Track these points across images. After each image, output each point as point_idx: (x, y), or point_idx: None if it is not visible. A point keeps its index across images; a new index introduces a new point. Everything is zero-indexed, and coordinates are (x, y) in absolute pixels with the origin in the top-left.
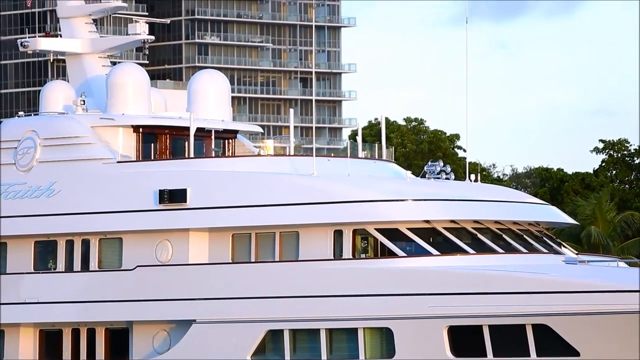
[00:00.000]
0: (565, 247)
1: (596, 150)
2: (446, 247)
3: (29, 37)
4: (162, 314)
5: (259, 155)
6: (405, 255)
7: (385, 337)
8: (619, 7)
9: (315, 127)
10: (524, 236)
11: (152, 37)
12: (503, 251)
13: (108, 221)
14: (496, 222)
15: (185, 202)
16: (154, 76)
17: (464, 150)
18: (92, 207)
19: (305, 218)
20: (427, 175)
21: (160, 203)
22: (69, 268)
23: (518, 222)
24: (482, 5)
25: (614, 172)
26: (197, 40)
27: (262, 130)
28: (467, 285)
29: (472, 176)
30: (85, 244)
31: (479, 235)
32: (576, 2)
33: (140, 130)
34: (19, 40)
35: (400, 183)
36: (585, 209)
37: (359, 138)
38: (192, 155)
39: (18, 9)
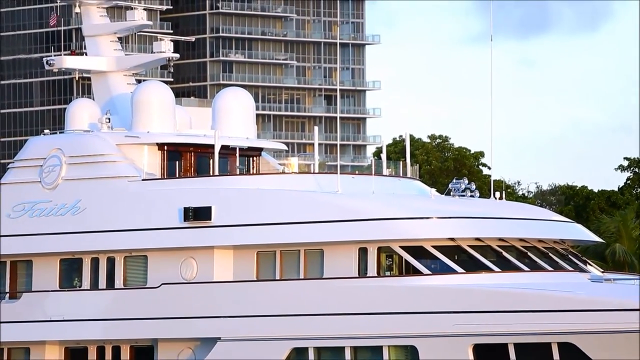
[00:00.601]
0: (591, 265)
1: (621, 168)
2: (471, 265)
3: (54, 55)
4: (187, 332)
5: (283, 172)
6: (430, 273)
7: (410, 355)
8: None
9: (340, 145)
10: (549, 254)
11: (177, 55)
12: (528, 269)
13: (133, 239)
14: (521, 239)
15: (210, 219)
16: (179, 94)
17: (489, 168)
18: (117, 225)
19: (330, 236)
20: (452, 193)
21: (185, 221)
22: (94, 286)
23: (543, 240)
24: (506, 23)
25: None
26: (221, 58)
27: (286, 148)
28: (492, 303)
29: (497, 194)
30: (111, 262)
31: (504, 253)
32: (600, 19)
33: (165, 148)
34: (44, 59)
35: (425, 200)
36: (610, 227)
37: (384, 155)
38: (216, 172)
39: (44, 27)
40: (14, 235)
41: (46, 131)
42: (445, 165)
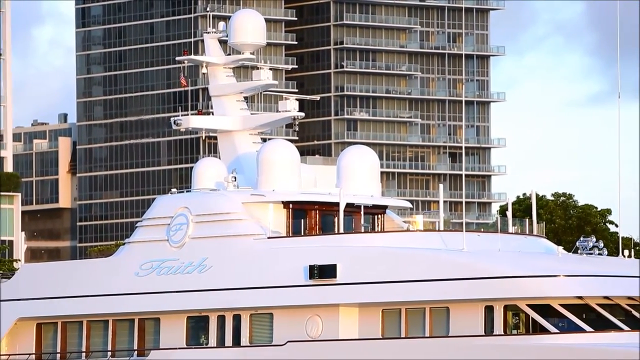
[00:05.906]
0: None
1: None
2: (599, 324)
3: (181, 115)
4: None
5: (408, 230)
6: (557, 331)
7: None
8: None
9: (465, 202)
10: None
11: (302, 114)
12: None
13: (259, 297)
14: None
15: (335, 277)
16: (304, 152)
17: (616, 225)
18: (243, 283)
19: (456, 294)
20: (579, 251)
21: (310, 278)
22: (221, 343)
23: None
24: (629, 83)
25: None
26: (346, 116)
27: (411, 206)
28: None
29: (626, 251)
30: (237, 319)
31: (633, 312)
32: None
33: (291, 206)
34: (172, 118)
35: (552, 259)
36: None
37: (509, 213)
38: (341, 230)
39: (171, 87)
40: (142, 293)
41: (173, 190)
42: (569, 223)
